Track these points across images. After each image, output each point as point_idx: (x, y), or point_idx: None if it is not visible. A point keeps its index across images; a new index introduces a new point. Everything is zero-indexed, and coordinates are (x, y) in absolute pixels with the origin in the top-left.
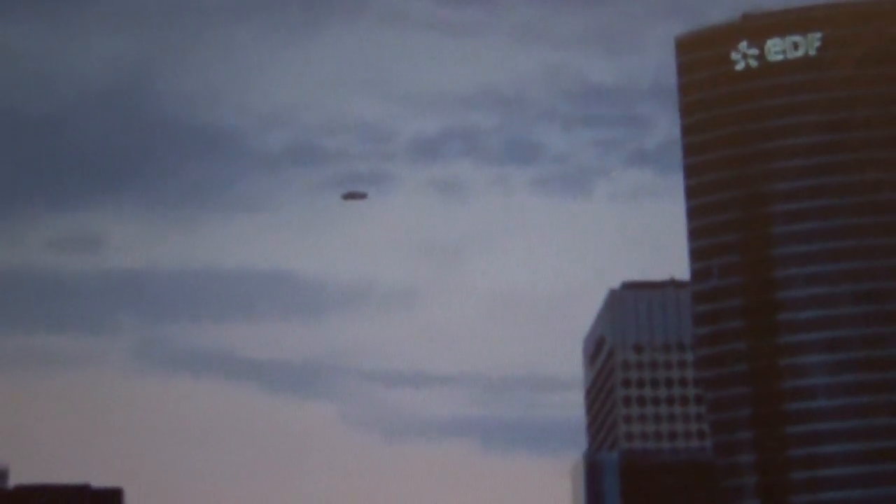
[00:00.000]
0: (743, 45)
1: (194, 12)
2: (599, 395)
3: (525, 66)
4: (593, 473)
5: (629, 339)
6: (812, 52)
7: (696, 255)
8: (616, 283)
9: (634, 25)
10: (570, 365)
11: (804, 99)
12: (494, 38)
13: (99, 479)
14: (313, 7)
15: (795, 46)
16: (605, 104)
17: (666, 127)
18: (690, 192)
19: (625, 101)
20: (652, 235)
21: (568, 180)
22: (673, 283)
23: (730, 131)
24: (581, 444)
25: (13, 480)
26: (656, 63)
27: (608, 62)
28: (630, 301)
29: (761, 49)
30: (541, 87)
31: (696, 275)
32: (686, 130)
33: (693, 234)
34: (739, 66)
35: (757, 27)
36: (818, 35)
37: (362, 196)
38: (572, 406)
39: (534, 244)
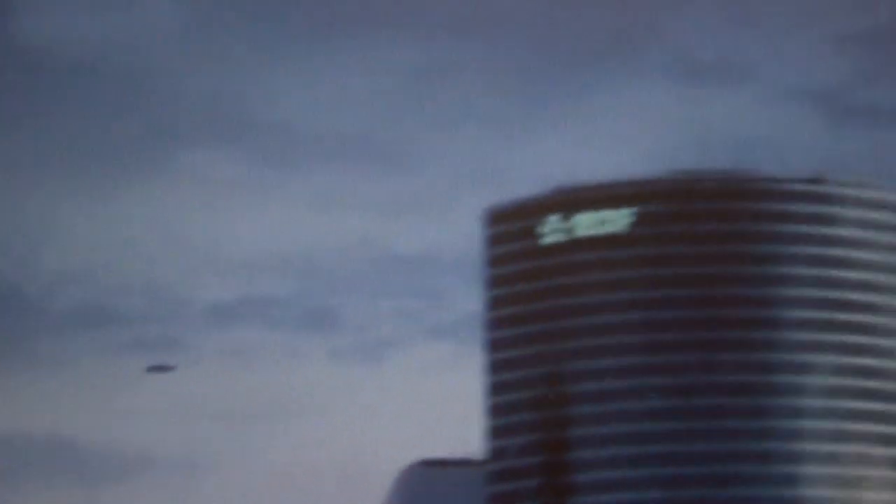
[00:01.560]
0: (552, 218)
1: None
2: None
3: (327, 233)
4: None
5: None
6: (623, 229)
7: (492, 433)
8: (410, 459)
9: (442, 195)
10: None
11: (612, 276)
12: (297, 202)
13: None
14: (112, 164)
15: (606, 221)
16: (407, 275)
17: (468, 300)
18: (490, 368)
19: (427, 272)
20: (449, 411)
21: (365, 351)
22: (468, 462)
23: (534, 307)
24: None
25: None
26: (462, 234)
27: (412, 232)
28: (423, 478)
29: (570, 223)
30: (342, 255)
31: (492, 454)
32: (489, 304)
33: (490, 412)
34: (547, 240)
35: (567, 201)
36: (629, 211)
37: (170, 369)
38: None
39: (327, 416)
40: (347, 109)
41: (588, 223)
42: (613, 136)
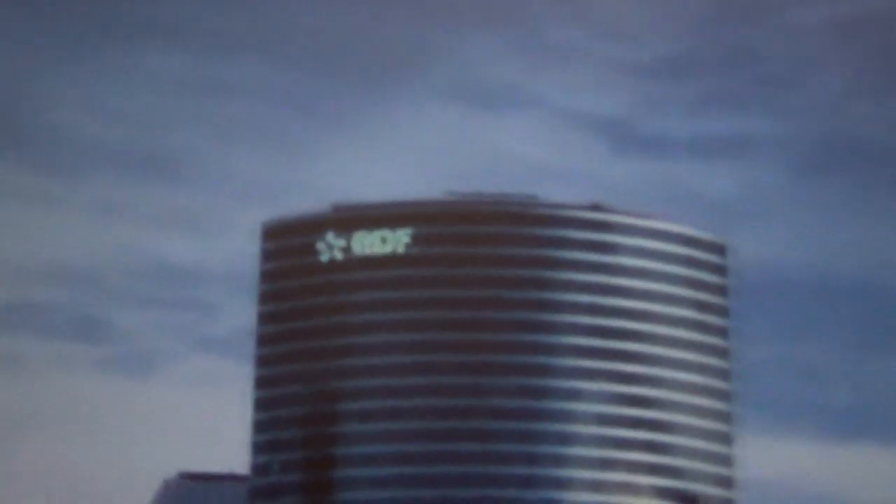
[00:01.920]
0: (330, 236)
1: None
2: None
3: (100, 242)
4: None
5: None
6: (400, 249)
7: (257, 448)
8: (173, 473)
9: (219, 209)
10: None
11: (388, 296)
12: (71, 210)
13: None
14: None
15: (384, 241)
16: (179, 287)
17: (240, 315)
18: (259, 383)
19: (200, 285)
20: (216, 425)
21: (134, 362)
22: (232, 477)
23: (307, 324)
24: None
25: None
26: (237, 249)
27: (186, 244)
28: (184, 492)
29: (348, 241)
30: (114, 264)
31: (256, 470)
32: (261, 319)
33: (256, 427)
34: (324, 258)
35: (346, 219)
36: (407, 231)
37: None
38: None
39: (92, 426)
40: (126, 119)
41: (366, 242)
42: (396, 156)
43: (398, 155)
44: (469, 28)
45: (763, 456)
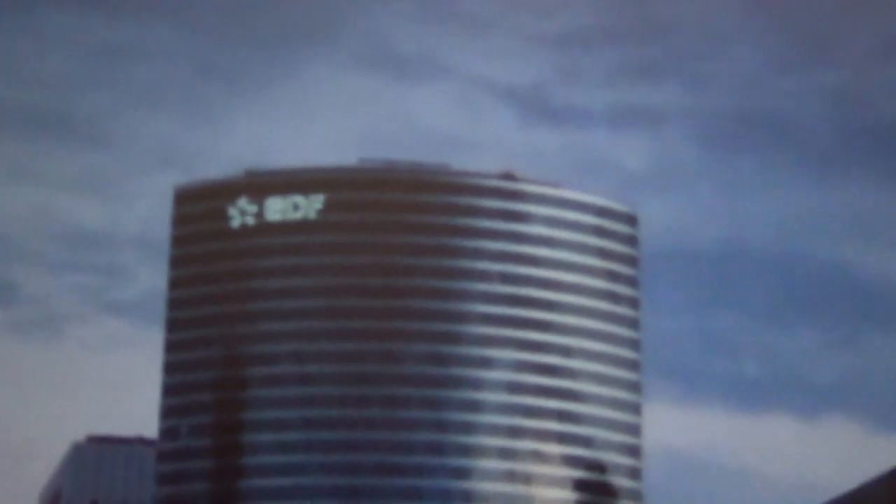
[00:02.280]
0: (242, 201)
1: None
2: None
3: (8, 204)
4: None
5: (86, 495)
6: (312, 215)
7: (166, 412)
8: (82, 436)
9: (129, 173)
10: None
11: (299, 262)
12: None
13: None
14: None
15: (296, 207)
16: (89, 250)
17: (150, 279)
18: (169, 347)
19: (110, 249)
20: (125, 389)
21: (42, 325)
22: (140, 441)
23: (218, 289)
24: None
25: None
26: (148, 213)
27: (96, 207)
28: (92, 455)
29: (261, 207)
30: (23, 227)
31: (164, 434)
32: (172, 284)
33: (166, 391)
34: (236, 223)
35: (258, 185)
36: (320, 198)
37: None
38: None
39: (1, 388)
40: (36, 82)
41: (278, 208)
42: (307, 122)
43: (309, 122)
44: None
45: (671, 425)
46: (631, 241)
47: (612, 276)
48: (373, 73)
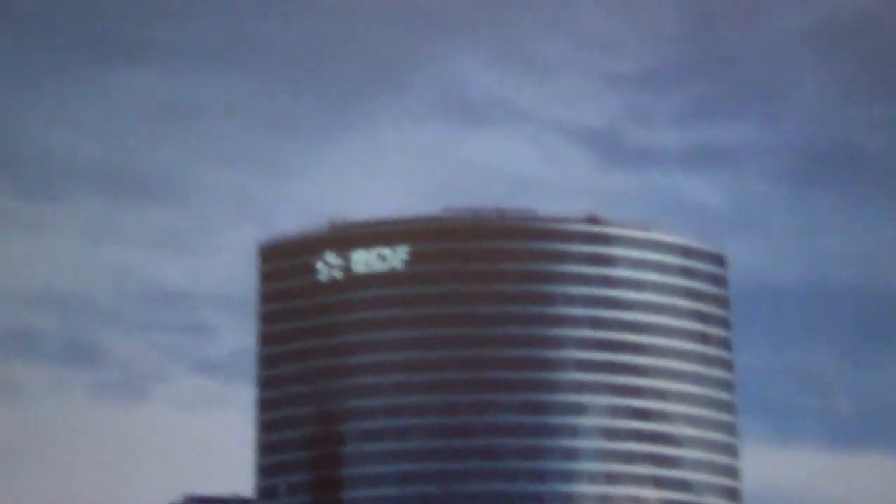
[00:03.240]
0: (328, 255)
1: None
2: None
3: (90, 266)
4: None
5: None
6: (399, 266)
7: (263, 471)
8: (178, 497)
9: (209, 229)
10: None
11: (388, 314)
12: (60, 234)
13: None
14: None
15: (382, 258)
16: (172, 309)
17: (235, 335)
18: (262, 405)
19: (192, 307)
20: (217, 448)
21: (128, 386)
22: (238, 500)
23: (308, 344)
24: None
25: None
26: (229, 269)
27: (177, 266)
28: None
29: (347, 260)
30: (106, 288)
31: (263, 492)
32: (262, 340)
33: (261, 450)
34: (323, 277)
35: (344, 237)
36: (405, 248)
37: None
38: None
39: (90, 452)
40: (111, 140)
41: (364, 260)
42: (386, 172)
43: (388, 171)
44: (450, 42)
45: (767, 466)
46: (719, 280)
47: (703, 316)
48: (446, 120)
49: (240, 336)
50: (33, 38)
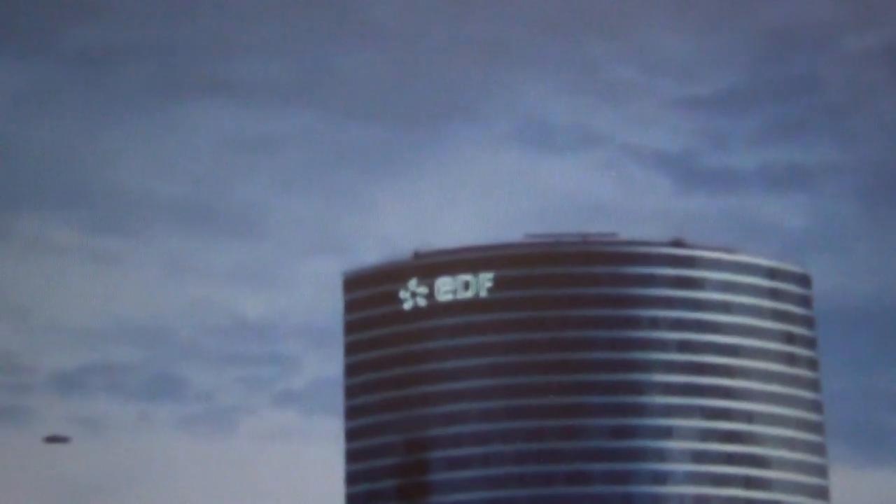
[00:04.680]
0: (412, 283)
1: None
2: None
3: (171, 299)
4: None
5: None
6: (483, 294)
7: (352, 501)
8: None
9: (288, 261)
10: None
11: (473, 341)
12: (140, 268)
13: None
14: None
15: (466, 286)
16: (254, 341)
17: (318, 366)
18: (349, 435)
19: (274, 338)
20: (305, 480)
21: (212, 419)
22: None
23: (394, 373)
24: None
25: None
26: (310, 300)
27: (258, 297)
28: None
29: (431, 288)
30: (188, 321)
31: None
32: (348, 371)
33: (350, 480)
34: (408, 305)
35: (427, 266)
36: (489, 276)
37: (65, 440)
38: None
39: (177, 485)
40: (189, 174)
41: (448, 288)
42: (465, 199)
43: (466, 200)
44: (524, 69)
45: (856, 487)
46: (805, 301)
47: (790, 337)
48: (523, 146)
49: (321, 366)
50: (113, 75)
